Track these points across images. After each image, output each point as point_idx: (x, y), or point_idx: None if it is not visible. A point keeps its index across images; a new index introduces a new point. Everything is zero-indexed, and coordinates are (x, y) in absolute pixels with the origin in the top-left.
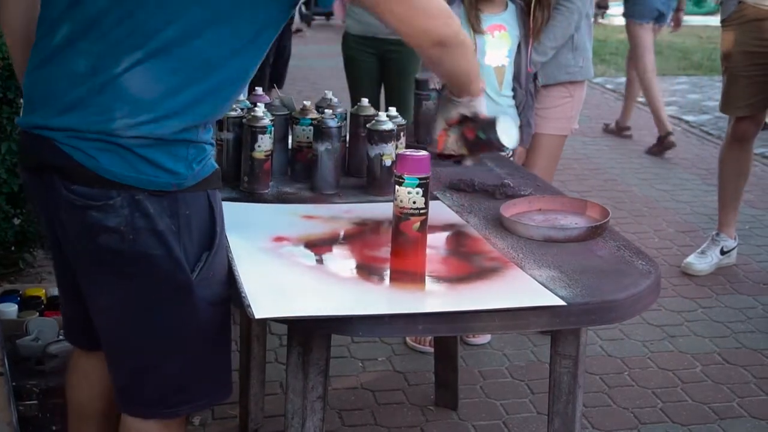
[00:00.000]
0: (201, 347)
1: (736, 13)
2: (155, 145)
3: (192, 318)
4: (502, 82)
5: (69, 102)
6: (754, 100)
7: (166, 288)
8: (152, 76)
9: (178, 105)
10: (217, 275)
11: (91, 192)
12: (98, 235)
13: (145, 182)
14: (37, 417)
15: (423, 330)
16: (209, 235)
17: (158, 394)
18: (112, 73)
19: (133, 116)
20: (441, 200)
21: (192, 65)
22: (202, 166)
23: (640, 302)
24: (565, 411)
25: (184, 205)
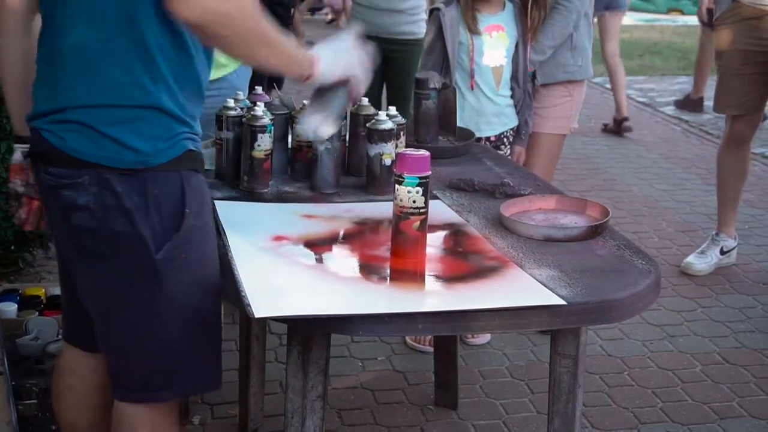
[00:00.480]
0: (180, 331)
1: (729, 12)
2: (117, 123)
3: (165, 299)
4: (499, 81)
5: (45, 91)
6: (747, 99)
7: (134, 267)
8: (105, 58)
9: (132, 84)
10: (192, 257)
11: (62, 172)
12: (71, 214)
13: (111, 160)
14: (36, 416)
15: (423, 329)
16: (179, 216)
17: (140, 377)
18: (63, 58)
19: (93, 98)
20: (441, 199)
21: (138, 46)
22: (170, 146)
23: (640, 302)
24: (565, 410)
25: (152, 184)
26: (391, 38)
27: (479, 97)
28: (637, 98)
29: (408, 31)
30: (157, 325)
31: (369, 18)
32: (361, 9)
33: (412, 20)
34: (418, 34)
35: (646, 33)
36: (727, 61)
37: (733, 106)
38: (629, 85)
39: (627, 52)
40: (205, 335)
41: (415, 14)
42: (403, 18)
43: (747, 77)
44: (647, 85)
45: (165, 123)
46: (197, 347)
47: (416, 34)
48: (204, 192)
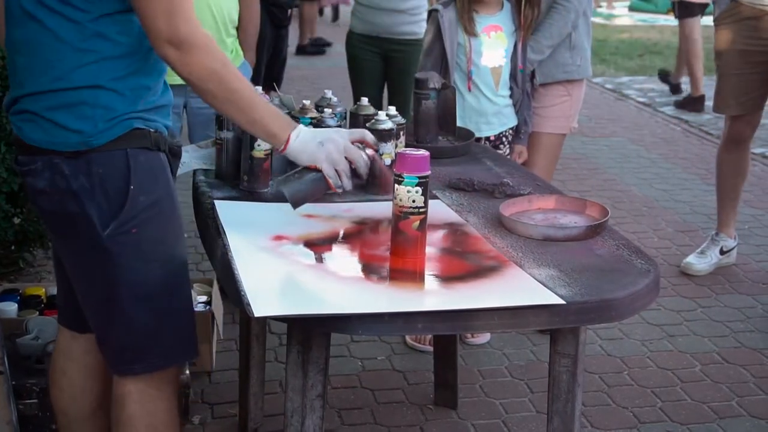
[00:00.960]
0: (143, 306)
1: (728, 12)
2: (60, 108)
3: (120, 275)
4: (498, 82)
5: (9, 80)
6: (746, 98)
7: (87, 246)
8: (45, 42)
9: (72, 67)
10: (146, 234)
11: (23, 159)
12: (36, 198)
13: (58, 144)
14: (36, 416)
15: (422, 328)
16: (124, 193)
17: (114, 351)
18: (14, 46)
19: (37, 84)
20: (440, 199)
21: (76, 30)
22: (112, 125)
23: (639, 301)
24: (564, 410)
25: (97, 164)
26: (392, 38)
27: (478, 97)
28: (637, 98)
29: (409, 31)
30: (119, 301)
31: (370, 17)
32: (362, 8)
33: (414, 20)
34: (419, 34)
35: (646, 33)
36: (726, 61)
37: (732, 106)
38: (629, 84)
39: (627, 52)
40: (172, 308)
41: (417, 14)
42: (404, 18)
43: (746, 77)
44: (647, 85)
45: (107, 104)
46: (164, 320)
47: (417, 34)
48: (156, 168)
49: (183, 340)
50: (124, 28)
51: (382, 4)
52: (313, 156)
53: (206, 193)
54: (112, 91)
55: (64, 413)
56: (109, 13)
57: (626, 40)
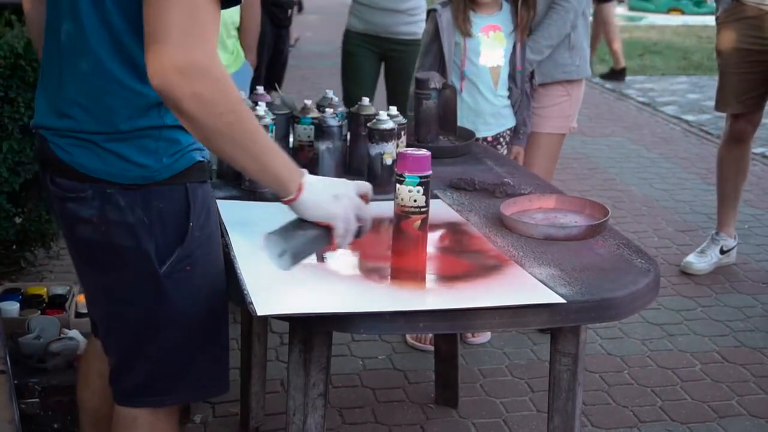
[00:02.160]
0: (182, 339)
1: (730, 10)
2: (121, 140)
3: (167, 310)
4: (497, 82)
5: (47, 100)
6: (746, 97)
7: (138, 280)
8: (99, 76)
9: (133, 111)
10: (196, 270)
11: (67, 184)
12: (75, 225)
13: (116, 176)
14: (38, 415)
15: (423, 327)
16: (183, 229)
17: (140, 382)
18: (74, 73)
19: (94, 114)
20: (441, 199)
21: (132, 70)
22: (176, 159)
23: (639, 300)
24: (564, 408)
25: (157, 198)
26: (391, 38)
27: (476, 97)
28: (637, 98)
29: (408, 31)
30: (160, 334)
31: (369, 17)
32: (361, 8)
33: (412, 20)
34: (418, 35)
35: (646, 33)
36: (727, 60)
37: (732, 105)
38: (629, 84)
39: (627, 52)
40: (210, 342)
41: (416, 14)
42: (403, 18)
43: (747, 75)
44: (647, 84)
45: (170, 137)
46: (201, 354)
47: (416, 34)
48: (210, 203)
49: (216, 375)
50: None
51: (381, 4)
52: (328, 213)
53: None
54: (176, 123)
55: (95, 414)
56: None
57: (626, 40)
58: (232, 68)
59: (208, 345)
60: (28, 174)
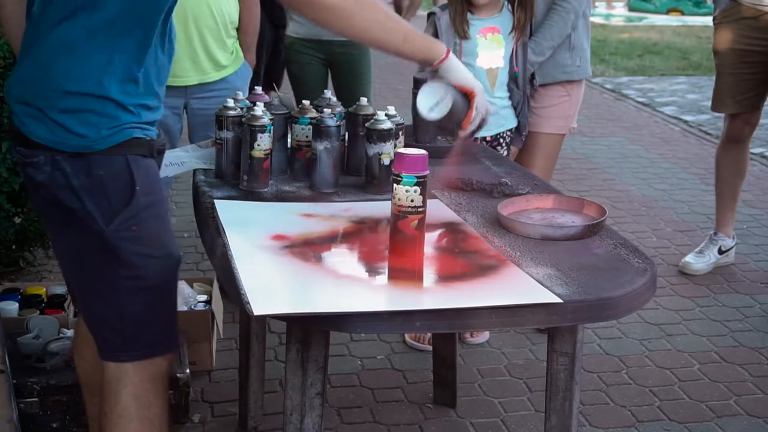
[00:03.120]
0: (135, 297)
1: (728, 11)
2: (69, 112)
3: (119, 266)
4: (494, 84)
5: (18, 70)
6: (743, 97)
7: (88, 238)
8: (64, 45)
9: (87, 74)
10: (144, 230)
11: (25, 151)
12: (36, 189)
13: (61, 144)
14: (37, 414)
15: (421, 327)
16: (129, 193)
17: (104, 336)
18: (34, 40)
19: (51, 82)
20: (439, 199)
21: (95, 37)
22: (113, 133)
23: (637, 300)
24: (562, 408)
25: (98, 166)
26: (334, 40)
27: None
28: (637, 98)
29: None
30: (115, 291)
31: (309, 20)
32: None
33: None
34: None
35: (646, 33)
36: (723, 60)
37: (729, 105)
38: (628, 85)
39: (627, 52)
40: (160, 302)
41: None
42: None
43: (744, 76)
44: (647, 85)
45: (111, 113)
46: (152, 313)
47: None
48: (152, 173)
49: (168, 333)
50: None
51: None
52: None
53: (206, 192)
54: (120, 101)
55: (87, 376)
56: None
57: (626, 40)
58: (231, 68)
59: (158, 305)
60: None
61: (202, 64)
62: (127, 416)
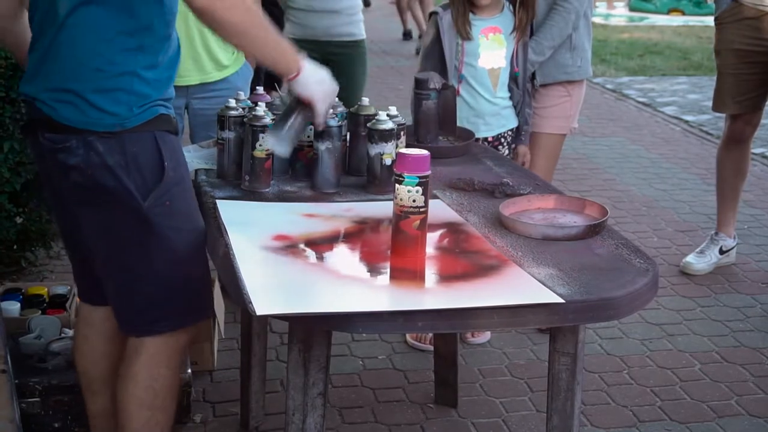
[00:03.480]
0: (169, 268)
1: (729, 11)
2: (100, 92)
3: (154, 240)
4: (496, 83)
5: (38, 64)
6: (744, 98)
7: (126, 215)
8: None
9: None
10: (175, 205)
11: (55, 137)
12: (68, 173)
13: (94, 125)
14: (39, 414)
15: (422, 327)
16: (159, 169)
17: (138, 309)
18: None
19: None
20: (440, 199)
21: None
22: (143, 110)
23: (638, 300)
24: (563, 408)
25: (130, 143)
26: (330, 41)
27: (476, 98)
28: (637, 98)
29: (347, 32)
30: (150, 264)
31: (306, 21)
32: (296, 12)
33: (350, 21)
34: (357, 35)
35: (647, 33)
36: (725, 60)
37: (730, 106)
38: (629, 85)
39: (627, 53)
40: (194, 272)
41: (353, 14)
42: (341, 19)
43: (744, 76)
44: (647, 85)
45: (140, 91)
46: (189, 282)
47: (356, 35)
48: (178, 149)
49: (202, 300)
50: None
51: (316, 6)
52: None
53: (208, 192)
54: (146, 77)
55: (86, 374)
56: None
57: (626, 41)
58: (232, 69)
59: (191, 273)
60: (29, 174)
61: (203, 64)
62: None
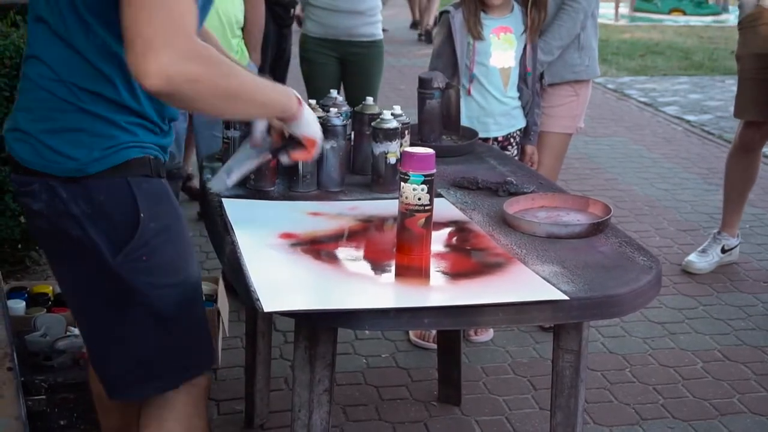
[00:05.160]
0: (150, 330)
1: (752, 16)
2: (56, 133)
3: (127, 298)
4: (507, 83)
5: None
6: (765, 105)
7: (92, 269)
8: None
9: (70, 93)
10: (156, 259)
11: (18, 179)
12: (32, 218)
13: (53, 168)
14: (45, 412)
15: (428, 324)
16: (133, 219)
17: (119, 372)
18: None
19: (34, 103)
20: (445, 198)
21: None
22: (108, 154)
23: (641, 297)
24: (567, 405)
25: (97, 191)
26: (351, 40)
27: (487, 97)
28: (639, 98)
29: (367, 33)
30: (129, 325)
31: (327, 20)
32: (318, 11)
33: (371, 21)
34: (377, 36)
35: (648, 33)
36: (747, 66)
37: (751, 111)
38: (630, 84)
39: (628, 52)
40: (181, 329)
41: (373, 15)
42: (362, 19)
43: (764, 82)
44: (648, 85)
45: (106, 133)
46: (178, 339)
47: (375, 35)
48: (160, 194)
49: (197, 354)
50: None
51: (339, 6)
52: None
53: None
54: (112, 119)
55: (101, 400)
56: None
57: (628, 41)
58: None
59: (184, 329)
60: None
61: None
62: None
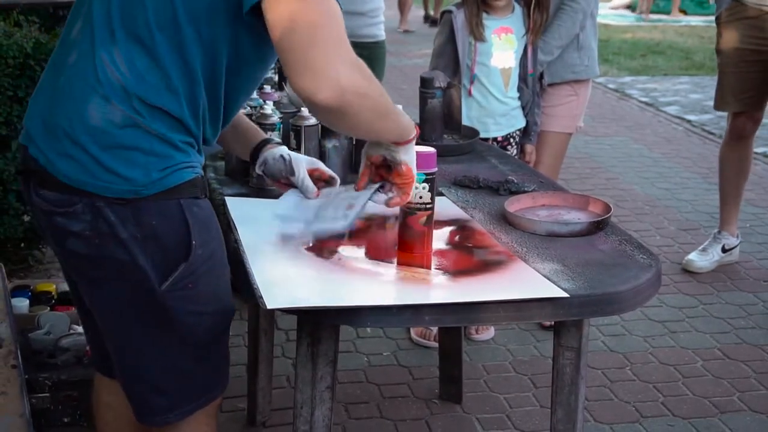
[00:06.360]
0: (187, 355)
1: (730, 10)
2: (112, 149)
3: (171, 327)
4: (508, 83)
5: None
6: (746, 96)
7: (137, 295)
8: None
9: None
10: (201, 287)
11: (54, 197)
12: (66, 239)
13: (102, 189)
14: (49, 409)
15: (429, 321)
16: (185, 246)
17: (144, 399)
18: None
19: (87, 116)
20: (446, 196)
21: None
22: (165, 175)
23: (641, 294)
24: (567, 402)
25: (148, 214)
26: (354, 41)
27: (487, 97)
28: (640, 98)
29: (369, 34)
30: (161, 350)
31: None
32: None
33: (373, 23)
34: (379, 37)
35: (649, 33)
36: (726, 59)
37: (731, 104)
38: (631, 84)
39: (629, 52)
40: (210, 356)
41: (375, 17)
42: (364, 21)
43: (745, 75)
44: (649, 84)
45: (163, 152)
46: (205, 365)
47: (377, 36)
48: (209, 218)
49: (222, 377)
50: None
51: (343, 8)
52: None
53: (217, 189)
54: (170, 138)
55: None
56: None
57: (628, 40)
58: None
59: (209, 357)
60: None
61: None
62: None
